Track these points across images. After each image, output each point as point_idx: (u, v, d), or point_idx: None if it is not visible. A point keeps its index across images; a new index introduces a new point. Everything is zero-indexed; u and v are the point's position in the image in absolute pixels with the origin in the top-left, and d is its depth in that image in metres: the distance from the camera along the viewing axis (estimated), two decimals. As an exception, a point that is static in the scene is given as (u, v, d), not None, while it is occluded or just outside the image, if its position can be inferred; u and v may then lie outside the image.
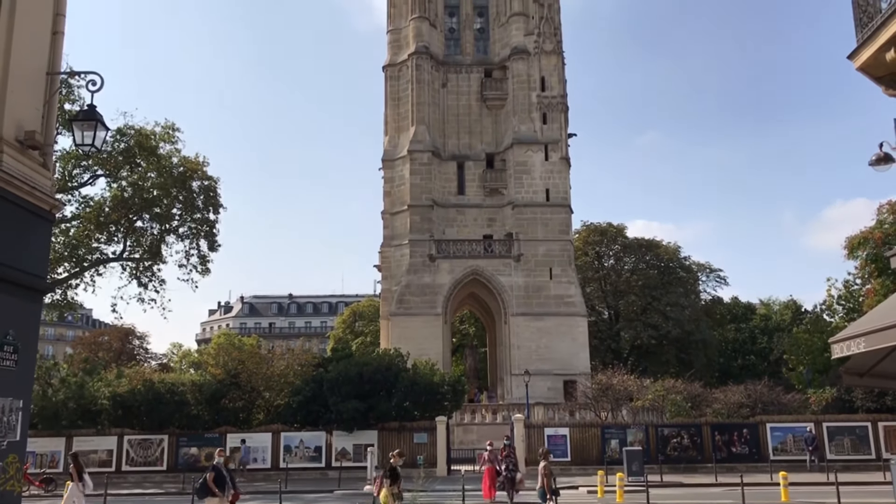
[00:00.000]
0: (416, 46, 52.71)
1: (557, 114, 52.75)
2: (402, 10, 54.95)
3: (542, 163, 51.75)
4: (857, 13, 10.69)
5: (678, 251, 67.68)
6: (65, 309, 37.27)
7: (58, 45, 11.75)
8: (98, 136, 11.34)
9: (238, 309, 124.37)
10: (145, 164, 34.28)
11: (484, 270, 50.24)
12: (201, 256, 36.51)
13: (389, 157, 52.68)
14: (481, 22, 56.55)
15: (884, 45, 9.92)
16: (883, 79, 10.80)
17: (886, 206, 43.31)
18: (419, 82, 52.23)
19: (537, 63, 53.09)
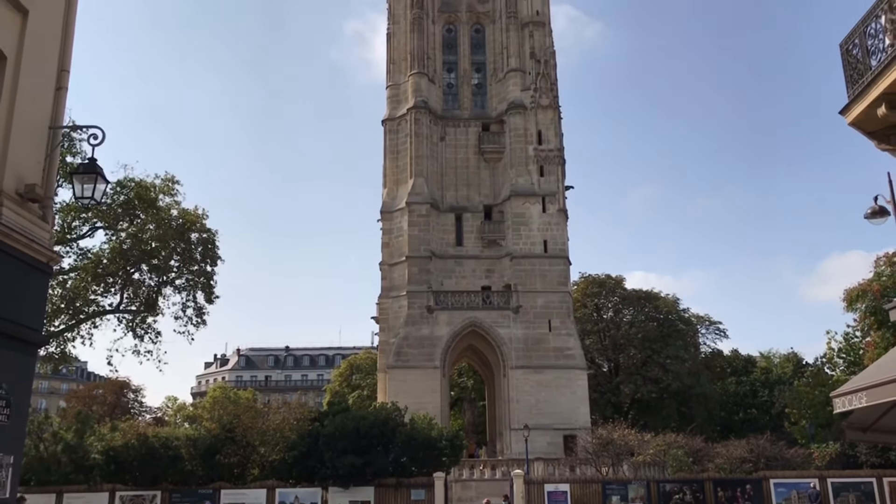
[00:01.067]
0: (415, 101, 53.54)
1: (554, 166, 53.29)
2: (402, 66, 55.98)
3: (539, 215, 52.05)
4: (847, 70, 10.90)
5: (677, 303, 67.56)
6: (60, 362, 36.91)
7: (61, 99, 11.93)
8: (98, 189, 11.42)
9: (234, 361, 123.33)
10: (144, 216, 34.39)
11: (482, 322, 50.04)
12: (198, 308, 36.35)
13: (388, 209, 52.98)
14: (479, 77, 57.58)
15: (874, 101, 10.08)
16: (875, 133, 10.96)
17: (884, 258, 43.45)
18: (418, 136, 52.91)
19: (534, 117, 53.86)
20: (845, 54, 11.09)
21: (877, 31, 10.23)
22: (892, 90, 9.68)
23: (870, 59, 10.34)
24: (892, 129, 10.65)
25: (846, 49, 11.02)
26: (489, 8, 57.62)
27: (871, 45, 10.32)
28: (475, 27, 58.33)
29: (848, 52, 10.97)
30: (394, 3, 57.79)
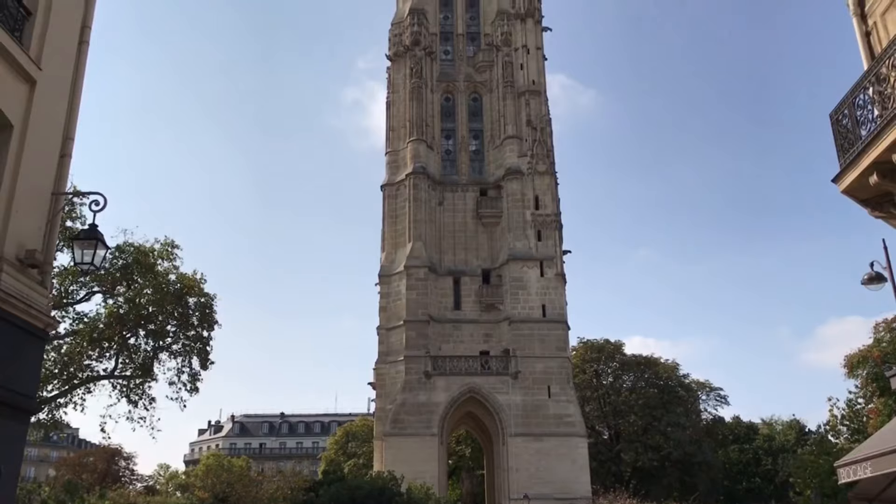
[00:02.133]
0: (413, 167, 54.24)
1: (552, 231, 53.65)
2: (401, 133, 56.93)
3: (537, 279, 52.09)
4: (837, 139, 11.11)
5: (677, 369, 67.00)
6: (51, 429, 36.27)
7: (65, 166, 12.10)
8: (98, 255, 11.47)
9: (228, 428, 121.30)
10: (143, 280, 34.33)
11: (481, 388, 49.49)
12: (192, 374, 35.93)
13: (386, 273, 53.05)
14: (476, 144, 58.50)
15: (866, 170, 10.25)
16: (868, 201, 11.10)
17: (882, 324, 43.31)
18: (416, 200, 53.40)
19: (531, 183, 54.47)
20: (835, 124, 11.32)
21: (865, 103, 10.48)
22: (882, 159, 9.85)
23: (859, 128, 10.56)
24: (885, 197, 10.80)
25: (836, 119, 11.26)
26: (486, 78, 58.95)
27: (861, 116, 10.55)
28: (473, 96, 59.57)
29: (838, 122, 11.21)
30: (394, 73, 59.14)
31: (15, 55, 10.48)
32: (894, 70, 9.47)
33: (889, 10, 11.60)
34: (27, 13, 11.33)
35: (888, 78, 9.66)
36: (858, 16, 12.23)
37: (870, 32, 12.08)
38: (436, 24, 60.41)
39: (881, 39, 11.82)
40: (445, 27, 61.44)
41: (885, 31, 11.70)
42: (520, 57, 57.79)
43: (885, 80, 9.85)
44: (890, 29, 11.53)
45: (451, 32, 61.33)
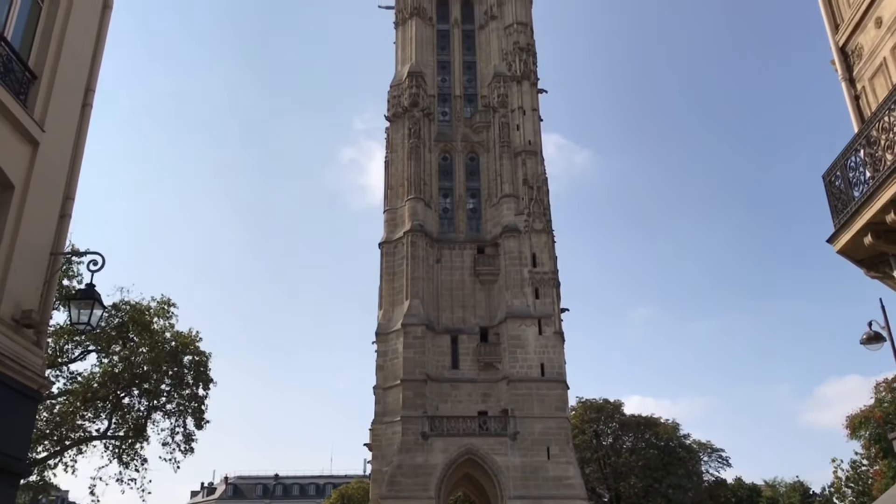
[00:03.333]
0: (411, 224, 54.52)
1: (549, 289, 53.59)
2: (399, 192, 57.42)
3: (535, 337, 51.81)
4: (831, 200, 11.23)
5: (677, 429, 66.10)
6: (40, 491, 35.55)
7: (64, 226, 12.16)
8: (95, 314, 11.43)
9: (222, 490, 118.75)
10: (138, 339, 34.16)
11: (479, 450, 48.67)
12: (186, 434, 35.43)
13: (383, 331, 52.76)
14: (474, 202, 58.96)
15: (860, 231, 10.33)
16: (863, 261, 11.15)
17: (883, 384, 42.98)
18: (414, 258, 53.51)
19: (528, 241, 54.70)
20: (829, 185, 11.47)
21: (857, 164, 10.64)
22: (876, 220, 9.94)
23: (852, 190, 10.69)
24: (880, 258, 10.86)
25: (829, 180, 11.41)
26: (483, 138, 59.82)
27: (853, 178, 10.70)
28: (470, 155, 60.32)
29: (831, 184, 11.35)
30: (392, 133, 59.99)
31: (19, 117, 10.65)
32: (884, 133, 9.65)
33: (876, 75, 11.89)
34: (33, 77, 11.56)
35: (878, 141, 9.83)
36: (847, 80, 12.53)
37: (858, 96, 12.35)
38: (434, 86, 61.61)
39: (870, 103, 12.08)
40: (443, 89, 62.65)
41: (874, 95, 11.96)
42: (516, 118, 58.76)
43: (875, 142, 10.02)
44: (878, 93, 11.79)
45: (449, 94, 62.50)
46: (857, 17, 12.31)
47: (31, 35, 11.88)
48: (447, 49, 64.23)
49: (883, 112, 9.72)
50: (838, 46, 12.84)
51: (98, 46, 13.84)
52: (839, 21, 13.07)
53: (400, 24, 63.95)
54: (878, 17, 11.75)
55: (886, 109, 9.62)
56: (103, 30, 14.09)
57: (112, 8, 14.50)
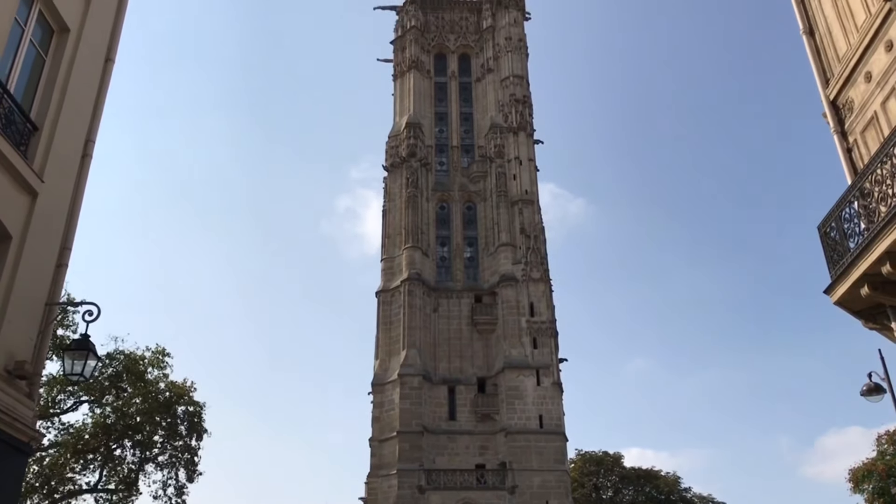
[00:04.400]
0: (408, 273, 54.51)
1: (547, 339, 53.34)
2: (396, 241, 57.58)
3: (534, 388, 51.35)
4: (827, 251, 11.27)
5: (678, 482, 65.07)
6: (28, 546, 34.66)
7: (60, 276, 12.13)
8: (89, 365, 11.32)
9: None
10: (131, 389, 33.81)
11: (477, 503, 47.80)
12: (178, 487, 34.80)
13: (380, 381, 52.29)
14: (471, 251, 59.11)
15: (857, 282, 10.34)
16: (861, 312, 11.13)
17: (885, 436, 42.42)
18: (411, 307, 53.35)
19: (526, 290, 54.65)
20: (824, 236, 11.52)
21: (851, 216, 10.71)
22: (872, 271, 9.97)
23: (847, 241, 10.74)
24: (878, 309, 10.84)
25: (824, 231, 11.46)
26: (481, 187, 60.30)
27: (848, 229, 10.76)
28: (467, 205, 60.73)
29: (826, 235, 11.41)
30: (390, 183, 60.46)
31: (19, 168, 10.71)
32: (877, 185, 9.74)
33: (867, 128, 12.07)
34: (34, 128, 11.67)
35: (872, 193, 9.92)
36: (839, 133, 12.70)
37: (851, 149, 12.51)
38: (431, 136, 62.42)
39: (862, 155, 12.23)
40: (441, 140, 63.46)
41: (866, 148, 12.12)
42: (513, 168, 59.35)
43: (868, 194, 10.11)
44: (870, 145, 11.95)
45: (447, 144, 63.26)
46: (846, 72, 12.55)
47: (34, 86, 12.04)
48: (445, 101, 65.26)
49: (875, 165, 9.83)
50: (829, 100, 13.06)
51: (99, 98, 14.02)
52: (829, 75, 13.32)
53: (398, 77, 65.10)
54: (868, 71, 11.97)
55: (878, 162, 9.73)
56: (105, 82, 14.29)
57: (114, 61, 14.73)
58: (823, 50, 13.51)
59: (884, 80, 11.46)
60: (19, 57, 11.53)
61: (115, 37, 14.79)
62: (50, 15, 12.28)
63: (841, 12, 12.76)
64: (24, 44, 11.65)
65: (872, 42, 11.63)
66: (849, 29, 12.52)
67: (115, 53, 14.76)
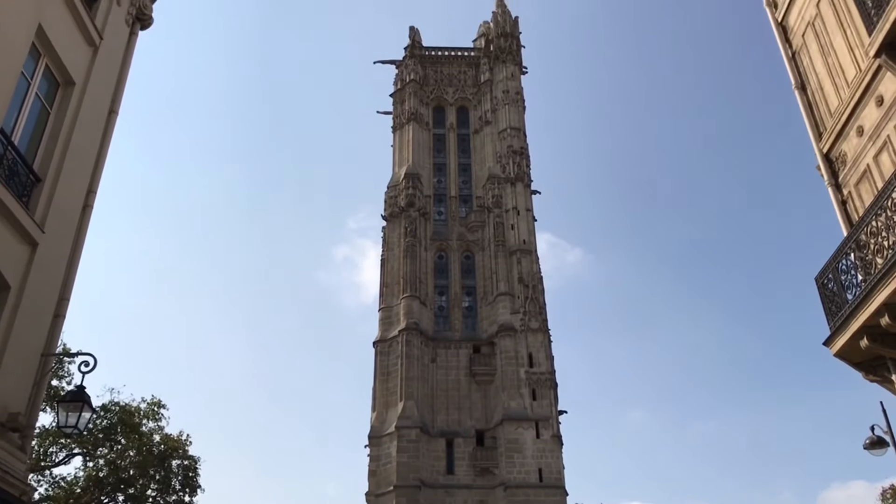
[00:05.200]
0: (406, 323, 54.28)
1: (546, 390, 52.83)
2: (394, 290, 57.50)
3: (533, 441, 50.65)
4: (825, 303, 11.28)
5: (680, 537, 63.80)
6: None
7: (57, 327, 12.09)
8: (83, 417, 11.19)
9: None
10: (126, 441, 33.33)
11: (475, 559, 46.74)
12: (171, 544, 34.04)
13: (376, 434, 51.57)
14: (469, 300, 58.99)
15: (856, 334, 10.33)
16: (861, 364, 11.09)
17: (889, 490, 41.78)
18: (409, 357, 52.96)
19: (524, 340, 54.37)
20: (821, 288, 11.55)
21: (848, 268, 10.76)
22: (871, 323, 9.96)
23: (845, 292, 10.76)
24: (878, 361, 10.81)
25: (822, 283, 11.50)
26: (479, 237, 60.54)
27: (845, 280, 10.80)
28: (465, 254, 60.87)
29: (824, 286, 11.44)
30: (389, 233, 60.71)
31: (20, 219, 10.77)
32: (872, 237, 9.81)
33: (861, 181, 12.21)
34: (37, 179, 11.77)
35: (867, 245, 9.98)
36: (833, 186, 12.84)
37: (845, 201, 12.63)
38: (430, 187, 62.96)
39: (857, 208, 12.34)
40: (439, 190, 63.99)
41: (860, 201, 12.23)
42: (510, 218, 59.68)
43: (864, 246, 10.17)
44: (864, 198, 12.07)
45: (445, 194, 63.75)
46: (838, 125, 12.74)
47: (38, 138, 12.19)
48: (443, 152, 66.04)
49: (870, 217, 9.92)
50: (823, 153, 13.24)
51: (102, 150, 14.19)
52: (822, 129, 13.52)
53: (397, 129, 66.01)
54: (860, 125, 12.16)
55: (873, 215, 9.82)
56: (108, 134, 14.48)
57: (118, 113, 14.95)
58: (815, 104, 13.75)
59: (875, 133, 11.63)
60: (25, 109, 11.70)
61: (120, 89, 15.05)
62: (56, 69, 12.51)
63: (831, 68, 13.02)
64: (30, 97, 11.84)
65: (863, 97, 11.85)
66: (839, 84, 12.76)
67: (118, 105, 14.99)
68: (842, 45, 12.66)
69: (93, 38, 13.40)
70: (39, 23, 11.52)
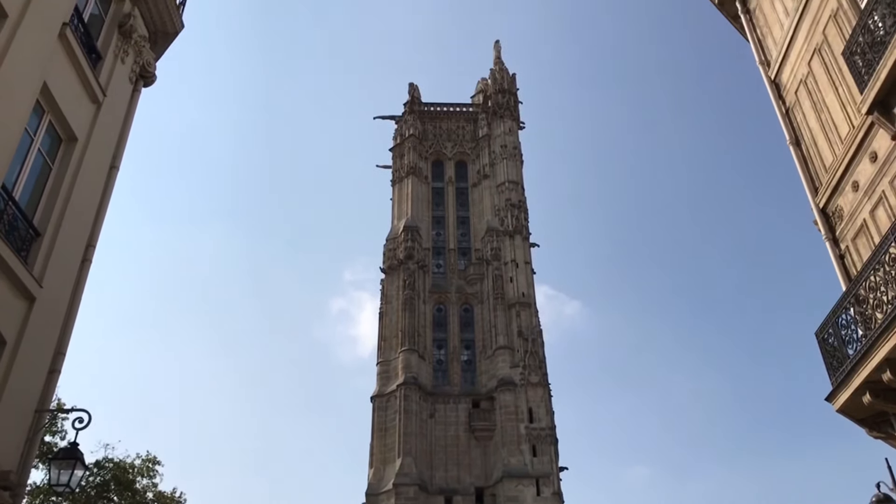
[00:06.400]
0: (404, 377, 53.80)
1: (547, 446, 52.07)
2: (393, 343, 57.17)
3: (534, 498, 49.65)
4: (826, 358, 11.20)
5: None
6: None
7: (52, 382, 11.96)
8: (75, 475, 11.00)
9: None
10: (119, 499, 32.60)
11: None
12: None
13: (374, 492, 50.58)
14: (468, 354, 58.61)
15: (858, 389, 10.23)
16: (865, 421, 10.95)
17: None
18: (407, 412, 52.33)
19: (524, 395, 53.82)
20: (822, 342, 11.48)
21: (848, 322, 10.72)
22: (873, 379, 9.88)
23: (846, 347, 10.69)
24: (881, 417, 10.68)
25: (822, 338, 11.43)
26: (477, 290, 60.48)
27: (846, 335, 10.74)
28: (464, 307, 60.73)
29: (824, 341, 11.37)
30: (387, 285, 60.67)
31: (19, 274, 10.76)
32: (871, 292, 9.81)
33: (858, 235, 12.26)
34: (36, 234, 11.80)
35: (867, 299, 9.97)
36: (831, 240, 12.89)
37: (843, 255, 12.66)
38: (429, 239, 63.22)
39: (855, 262, 12.36)
40: (438, 242, 64.26)
41: (858, 255, 12.27)
42: (509, 270, 59.73)
43: (864, 301, 10.16)
44: (862, 252, 12.10)
45: (444, 247, 63.98)
46: (833, 181, 12.86)
47: (39, 193, 12.26)
48: (442, 205, 66.53)
49: (868, 272, 9.93)
50: (819, 208, 13.33)
51: (102, 204, 14.25)
52: (818, 184, 13.65)
53: (397, 182, 66.67)
54: (855, 181, 12.27)
55: (871, 269, 9.84)
56: (109, 188, 14.57)
57: (119, 168, 15.07)
58: (810, 159, 13.90)
59: (871, 189, 11.74)
60: (27, 165, 11.81)
61: (122, 145, 15.20)
62: (59, 125, 12.66)
63: (825, 124, 13.21)
64: (33, 152, 11.96)
65: (857, 153, 11.99)
66: (833, 140, 12.93)
67: (119, 161, 15.12)
68: (834, 102, 12.86)
69: (96, 96, 13.61)
70: (45, 80, 11.72)
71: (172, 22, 16.40)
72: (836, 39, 12.62)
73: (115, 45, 14.59)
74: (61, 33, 12.08)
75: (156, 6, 15.77)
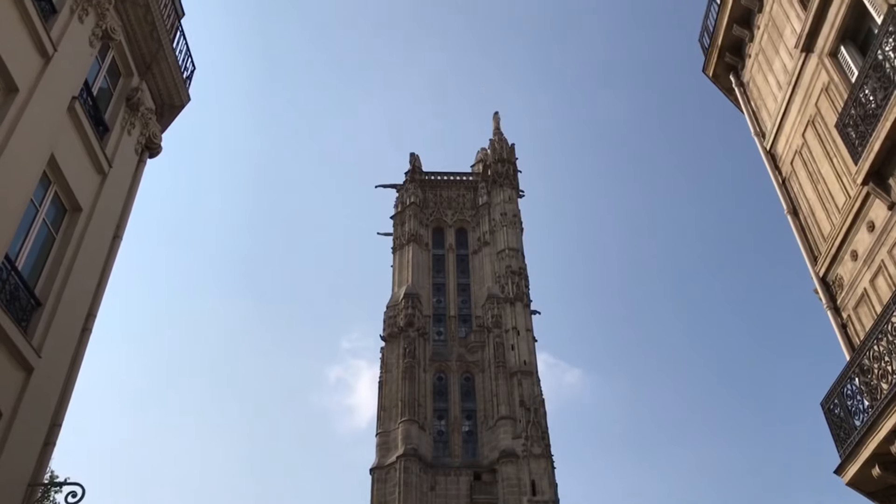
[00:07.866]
0: (404, 449, 52.81)
1: (552, 521, 50.75)
2: (392, 413, 56.33)
3: (537, 575, 48.13)
4: (833, 429, 11.04)
5: None
6: None
7: (47, 454, 11.76)
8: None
9: None
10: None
11: None
12: None
13: (373, 569, 49.06)
14: (469, 424, 57.67)
15: (867, 462, 10.04)
16: (875, 494, 10.71)
17: None
18: (407, 485, 51.16)
19: (527, 466, 52.72)
20: (828, 413, 11.33)
21: (854, 392, 10.60)
22: (881, 451, 9.71)
23: (853, 418, 10.55)
24: (892, 490, 10.45)
25: (828, 408, 11.29)
26: (478, 358, 59.96)
27: (851, 406, 10.61)
28: (465, 375, 60.10)
29: (830, 412, 11.22)
30: (387, 354, 60.20)
31: (18, 345, 10.70)
32: (876, 362, 9.73)
33: (859, 304, 12.23)
34: (37, 303, 11.78)
35: (871, 369, 9.88)
36: (832, 309, 12.85)
37: (846, 324, 12.61)
38: (429, 307, 63.04)
39: (857, 331, 12.30)
40: (438, 310, 64.07)
41: (860, 324, 12.21)
42: (510, 338, 59.34)
43: (868, 371, 10.07)
44: (864, 321, 12.05)
45: (444, 314, 63.76)
46: (832, 250, 12.91)
47: (42, 263, 12.29)
48: (442, 272, 66.64)
49: (871, 342, 9.88)
50: (819, 277, 13.34)
51: (104, 274, 14.28)
52: (817, 253, 13.69)
53: (397, 249, 66.96)
54: (853, 250, 12.32)
55: (874, 339, 9.79)
56: (111, 258, 14.61)
57: (122, 238, 15.15)
58: (808, 229, 13.99)
59: (869, 258, 11.78)
60: (31, 235, 11.87)
61: (126, 215, 15.32)
62: (64, 196, 12.80)
63: (821, 194, 13.35)
64: (38, 223, 12.04)
65: (854, 222, 12.08)
66: (830, 209, 13.04)
67: (123, 231, 15.21)
68: (829, 173, 13.03)
69: (102, 167, 13.80)
70: (52, 152, 11.90)
71: (179, 95, 16.77)
72: (828, 112, 12.88)
73: (123, 118, 14.89)
74: (70, 107, 12.34)
75: (163, 80, 16.16)
